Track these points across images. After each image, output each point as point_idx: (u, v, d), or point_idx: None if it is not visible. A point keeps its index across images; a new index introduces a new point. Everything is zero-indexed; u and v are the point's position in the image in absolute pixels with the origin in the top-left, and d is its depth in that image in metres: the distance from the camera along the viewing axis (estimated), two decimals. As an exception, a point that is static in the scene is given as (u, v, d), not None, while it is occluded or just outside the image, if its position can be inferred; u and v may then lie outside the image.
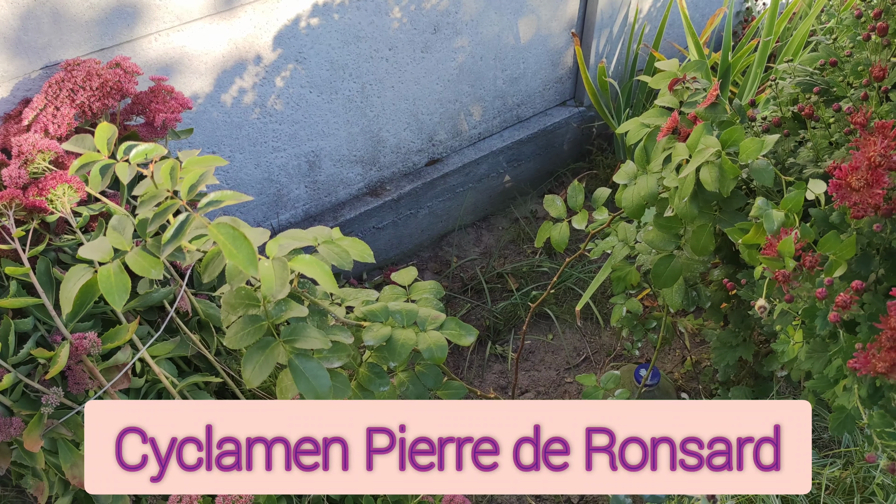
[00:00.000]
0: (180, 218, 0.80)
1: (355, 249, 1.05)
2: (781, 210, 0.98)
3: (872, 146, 0.89)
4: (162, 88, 1.45)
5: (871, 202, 0.88)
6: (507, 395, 2.03)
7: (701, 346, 2.10)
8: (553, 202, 1.53)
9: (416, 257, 2.38)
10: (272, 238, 0.91)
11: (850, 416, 1.03)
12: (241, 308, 0.94)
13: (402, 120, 2.14)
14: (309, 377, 0.91)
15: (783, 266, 0.93)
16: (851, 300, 0.87)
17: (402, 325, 1.13)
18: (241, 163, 1.88)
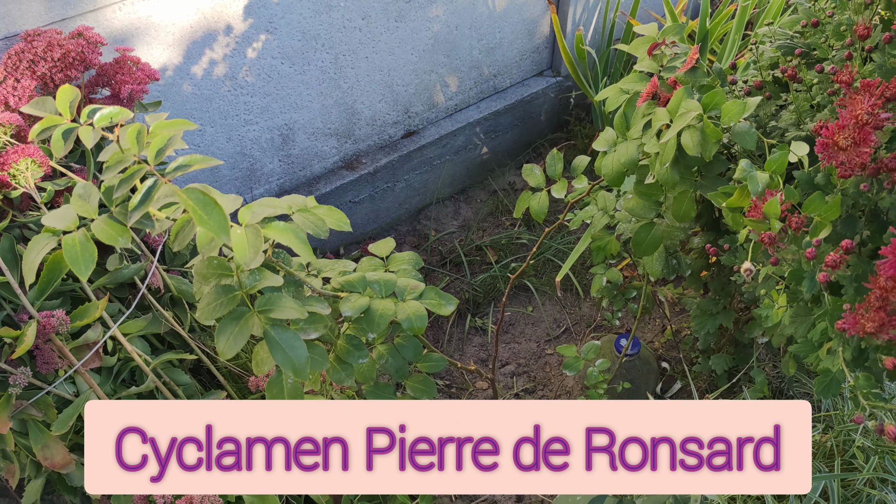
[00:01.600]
0: (147, 183, 0.77)
1: (331, 218, 1.02)
2: (766, 171, 0.97)
3: (859, 104, 0.87)
4: (127, 59, 1.40)
5: (859, 161, 0.87)
6: (488, 368, 2.02)
7: (681, 314, 2.09)
8: (531, 171, 1.51)
9: (394, 231, 2.35)
10: (245, 205, 0.88)
11: (834, 379, 1.02)
12: (214, 278, 0.90)
13: (377, 91, 2.10)
14: (285, 348, 0.88)
15: (768, 228, 0.91)
16: (841, 259, 0.86)
17: (380, 296, 1.11)
18: (213, 137, 1.84)
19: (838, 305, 1.00)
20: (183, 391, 1.42)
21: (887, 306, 0.83)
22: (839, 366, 1.02)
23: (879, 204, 0.95)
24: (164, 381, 1.39)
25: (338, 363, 1.14)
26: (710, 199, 1.09)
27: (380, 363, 1.24)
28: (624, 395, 1.85)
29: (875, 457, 1.29)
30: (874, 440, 1.34)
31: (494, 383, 1.77)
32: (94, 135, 0.81)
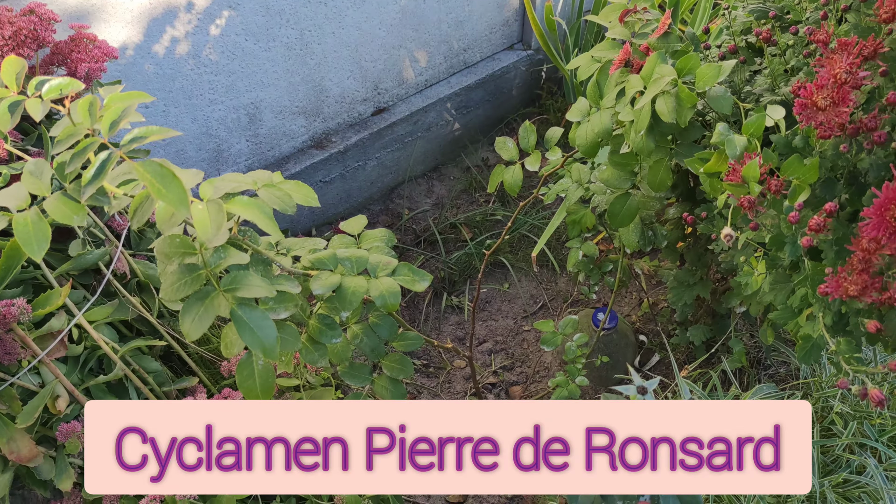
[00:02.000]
0: (101, 157, 0.73)
1: (298, 193, 0.98)
2: (744, 135, 0.95)
3: (837, 64, 0.85)
4: (84, 37, 1.35)
5: (838, 121, 0.85)
6: (465, 346, 2.00)
7: (657, 287, 2.08)
8: (504, 144, 1.48)
9: (367, 210, 2.32)
10: (206, 180, 0.85)
11: (815, 344, 1.01)
12: (177, 257, 0.87)
13: (345, 68, 2.05)
14: (254, 328, 0.85)
15: (748, 192, 0.89)
16: (825, 223, 0.84)
17: (352, 273, 1.07)
18: (177, 117, 1.78)
19: (819, 270, 0.98)
20: (153, 378, 1.39)
21: (870, 268, 0.81)
22: (820, 332, 1.01)
23: (858, 165, 0.94)
24: (133, 368, 1.35)
25: (310, 343, 1.11)
26: (688, 166, 1.07)
27: (354, 343, 1.21)
28: (602, 369, 1.84)
29: (853, 422, 1.29)
30: (852, 405, 1.33)
31: (472, 361, 1.75)
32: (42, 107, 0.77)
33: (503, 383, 1.94)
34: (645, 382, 0.89)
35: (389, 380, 1.28)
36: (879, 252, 0.80)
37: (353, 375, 1.26)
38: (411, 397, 1.90)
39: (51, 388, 1.22)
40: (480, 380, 1.94)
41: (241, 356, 0.97)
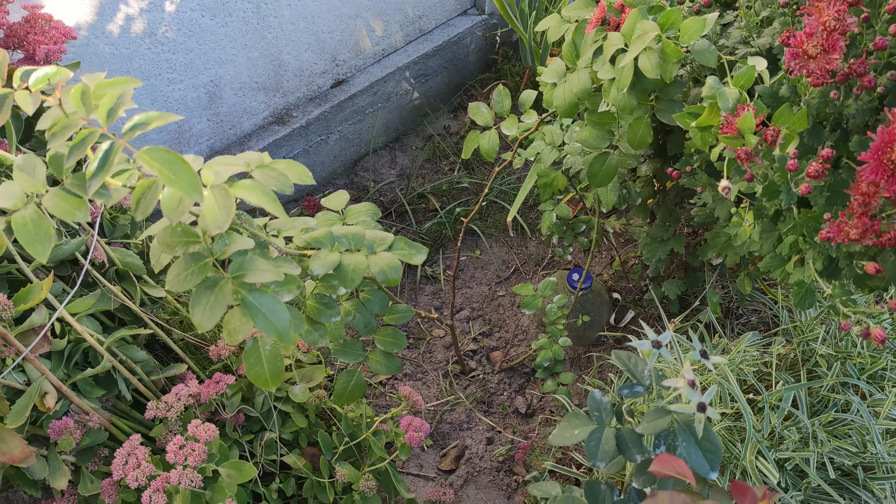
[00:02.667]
0: (103, 147, 0.70)
1: (293, 172, 0.96)
2: (735, 87, 0.96)
3: (825, 11, 0.87)
4: (39, 17, 1.29)
5: (829, 68, 0.86)
6: (445, 315, 2.00)
7: (627, 245, 2.11)
8: (478, 110, 1.47)
9: (332, 185, 2.29)
10: (205, 164, 0.82)
11: (809, 289, 1.03)
12: (181, 246, 0.84)
13: (303, 40, 2.01)
14: (266, 313, 0.84)
15: (743, 144, 0.91)
16: (823, 169, 0.86)
17: (350, 250, 1.06)
18: (136, 99, 1.73)
19: (809, 217, 1.01)
20: (141, 368, 1.36)
21: (869, 211, 0.84)
22: (812, 277, 1.04)
23: (844, 111, 0.96)
24: (119, 359, 1.32)
25: (310, 324, 1.10)
26: (677, 121, 1.08)
27: (347, 319, 1.20)
28: (581, 329, 1.86)
29: (837, 363, 1.33)
30: (834, 347, 1.38)
31: (454, 329, 1.75)
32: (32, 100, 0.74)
33: (483, 349, 1.95)
34: (658, 336, 0.90)
35: (383, 354, 1.28)
36: (878, 195, 0.82)
37: (345, 352, 1.25)
38: (394, 369, 1.90)
39: (38, 385, 1.18)
40: (461, 347, 1.95)
41: (247, 343, 0.95)
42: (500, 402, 1.85)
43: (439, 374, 1.90)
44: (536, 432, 1.77)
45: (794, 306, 1.05)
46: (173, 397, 1.28)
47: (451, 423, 1.80)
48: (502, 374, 1.90)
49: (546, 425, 1.78)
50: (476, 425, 1.80)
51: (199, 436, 1.19)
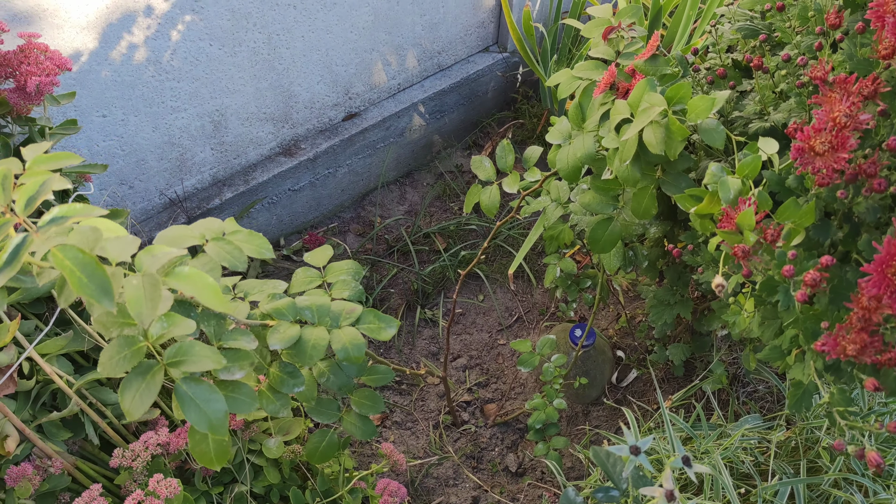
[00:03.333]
0: (15, 240, 0.65)
1: (251, 245, 0.91)
2: (738, 177, 0.90)
3: (836, 104, 0.80)
4: (34, 47, 1.26)
5: (837, 167, 0.80)
6: (439, 363, 1.95)
7: (635, 301, 2.04)
8: (481, 164, 1.42)
9: (338, 219, 2.24)
10: (143, 249, 0.77)
11: (807, 391, 0.97)
12: (115, 328, 0.80)
13: (315, 72, 1.98)
14: (200, 404, 0.78)
15: (741, 240, 0.84)
16: (821, 278, 0.79)
17: (313, 323, 1.01)
18: (137, 126, 1.70)
19: (810, 315, 0.94)
20: (111, 411, 1.31)
21: (869, 327, 0.77)
22: (811, 377, 0.97)
23: (854, 209, 0.89)
24: (89, 402, 1.28)
25: (272, 393, 1.04)
26: (678, 202, 1.01)
27: (320, 380, 1.15)
28: (580, 391, 1.80)
29: (841, 457, 1.25)
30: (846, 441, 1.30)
31: (447, 381, 1.69)
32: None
33: (478, 401, 1.89)
34: (638, 441, 0.83)
35: (358, 416, 1.22)
36: (880, 311, 0.75)
37: (319, 412, 1.20)
38: (383, 417, 1.85)
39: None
40: (455, 398, 1.89)
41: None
42: (491, 459, 1.78)
43: (430, 425, 1.84)
44: (524, 495, 1.70)
45: (788, 409, 0.98)
46: (141, 445, 1.23)
47: (436, 478, 1.74)
48: (495, 428, 1.84)
49: (534, 488, 1.71)
50: (463, 482, 1.74)
51: (161, 492, 1.14)
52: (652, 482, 0.89)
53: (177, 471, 1.33)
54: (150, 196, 1.84)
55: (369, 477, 1.44)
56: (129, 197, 1.80)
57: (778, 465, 1.29)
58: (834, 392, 0.91)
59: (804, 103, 1.08)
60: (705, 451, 1.27)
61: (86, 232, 0.68)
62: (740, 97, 1.27)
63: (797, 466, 1.30)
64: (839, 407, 0.89)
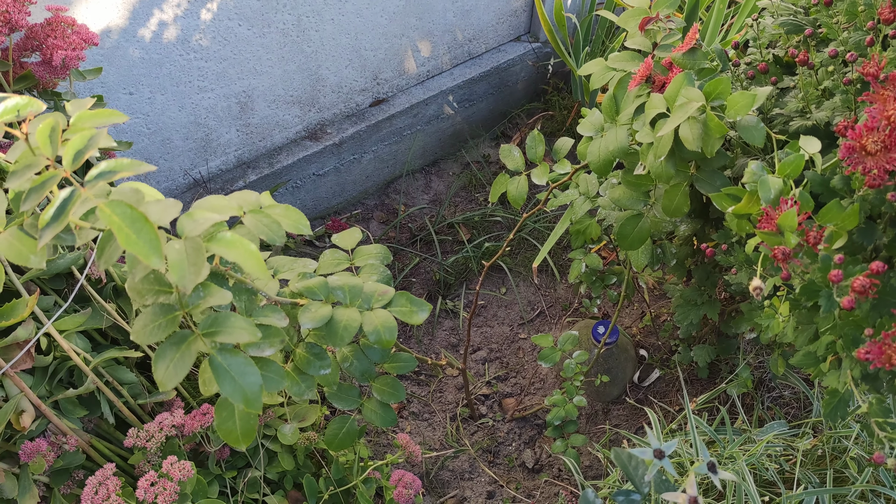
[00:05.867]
0: (63, 194, 0.63)
1: (288, 219, 0.89)
2: (779, 176, 0.86)
3: (890, 102, 0.77)
4: (61, 21, 1.25)
5: (889, 168, 0.76)
6: (459, 355, 1.92)
7: (661, 299, 2.01)
8: (510, 153, 1.39)
9: (361, 205, 2.22)
10: (185, 213, 0.75)
11: (842, 400, 0.93)
12: (151, 295, 0.78)
13: (344, 56, 1.95)
14: (235, 376, 0.76)
15: (782, 242, 0.81)
16: (871, 285, 0.76)
17: (344, 304, 0.99)
18: (163, 105, 1.68)
19: (849, 321, 0.90)
20: (128, 390, 1.30)
21: (917, 337, 0.73)
22: (847, 385, 0.93)
23: (901, 212, 0.86)
24: (105, 380, 1.27)
25: (297, 374, 1.02)
26: (714, 202, 0.98)
27: (343, 366, 1.13)
28: (601, 389, 1.77)
29: (869, 468, 1.22)
30: (867, 449, 1.26)
31: (466, 373, 1.67)
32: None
33: (496, 395, 1.87)
34: (662, 444, 0.81)
35: (379, 404, 1.20)
36: (929, 320, 0.72)
37: (340, 398, 1.18)
38: (400, 407, 1.83)
39: (15, 402, 1.13)
40: (473, 391, 1.86)
41: (221, 395, 0.88)
42: (508, 454, 1.76)
43: (447, 417, 1.82)
44: (540, 492, 1.67)
45: (824, 417, 0.95)
46: (155, 426, 1.22)
47: (452, 471, 1.72)
48: (513, 423, 1.81)
49: (550, 485, 1.68)
50: (478, 476, 1.71)
51: (174, 474, 1.12)
52: (675, 487, 0.86)
53: (191, 453, 1.32)
54: (174, 176, 1.82)
55: (384, 467, 1.43)
56: (153, 176, 1.78)
57: (803, 474, 1.26)
58: (873, 402, 0.87)
59: (850, 101, 1.04)
60: (730, 456, 1.24)
61: (127, 192, 0.66)
62: (781, 94, 1.23)
63: (823, 476, 1.26)
64: (878, 418, 0.85)
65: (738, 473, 1.16)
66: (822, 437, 1.33)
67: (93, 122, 0.74)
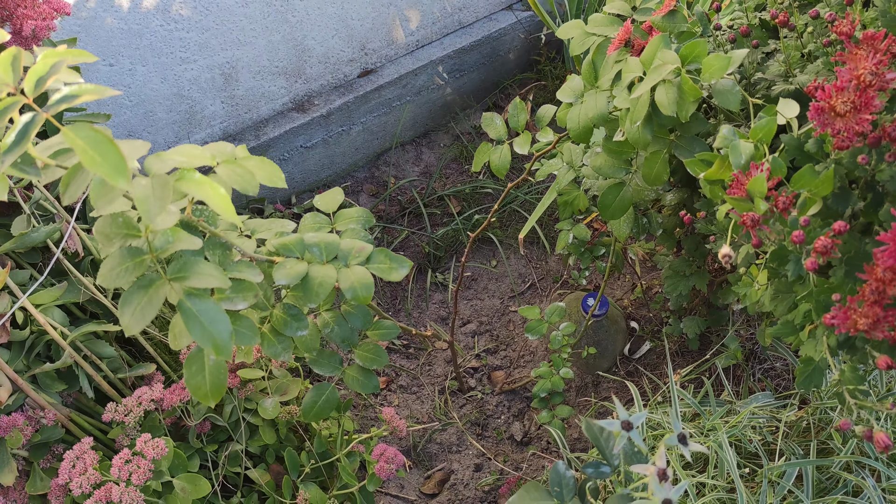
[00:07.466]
0: (24, 118, 0.62)
1: (262, 171, 0.87)
2: (750, 141, 0.84)
3: (861, 62, 0.74)
4: (31, -10, 1.22)
5: (858, 129, 0.74)
6: (447, 327, 1.91)
7: (652, 271, 1.99)
8: (492, 121, 1.37)
9: (351, 178, 2.20)
10: (154, 154, 0.73)
11: (818, 368, 0.91)
12: (118, 238, 0.76)
13: (330, 26, 1.92)
14: (204, 322, 0.74)
15: (752, 208, 0.79)
16: (833, 245, 0.74)
17: (320, 261, 0.97)
18: (145, 76, 1.66)
19: (825, 288, 0.88)
20: (107, 364, 1.30)
21: (883, 300, 0.72)
22: (823, 353, 0.92)
23: (877, 176, 0.83)
24: (84, 355, 1.26)
25: (273, 335, 1.01)
26: (687, 167, 0.96)
27: (324, 331, 1.11)
28: (589, 360, 1.75)
29: (854, 439, 1.20)
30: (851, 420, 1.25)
31: (454, 346, 1.66)
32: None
33: (486, 367, 1.86)
34: (630, 416, 0.79)
35: (361, 370, 1.18)
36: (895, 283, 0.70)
37: (321, 364, 1.16)
38: (388, 380, 1.82)
39: (-10, 376, 1.13)
40: (462, 363, 1.86)
41: (192, 349, 0.87)
42: (496, 427, 1.75)
43: (436, 390, 1.81)
44: (528, 464, 1.67)
45: (797, 386, 0.93)
46: (133, 401, 1.21)
47: (440, 444, 1.71)
48: (502, 395, 1.80)
49: (538, 458, 1.68)
50: (466, 449, 1.71)
51: (147, 452, 1.11)
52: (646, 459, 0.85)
53: (171, 426, 1.31)
54: (157, 149, 1.81)
55: (369, 441, 1.42)
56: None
57: (787, 446, 1.24)
58: (845, 370, 0.86)
59: (832, 64, 1.01)
60: (712, 428, 1.23)
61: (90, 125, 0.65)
62: (765, 58, 1.20)
63: (808, 447, 1.25)
64: (850, 385, 0.84)
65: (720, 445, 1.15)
66: (808, 408, 1.32)
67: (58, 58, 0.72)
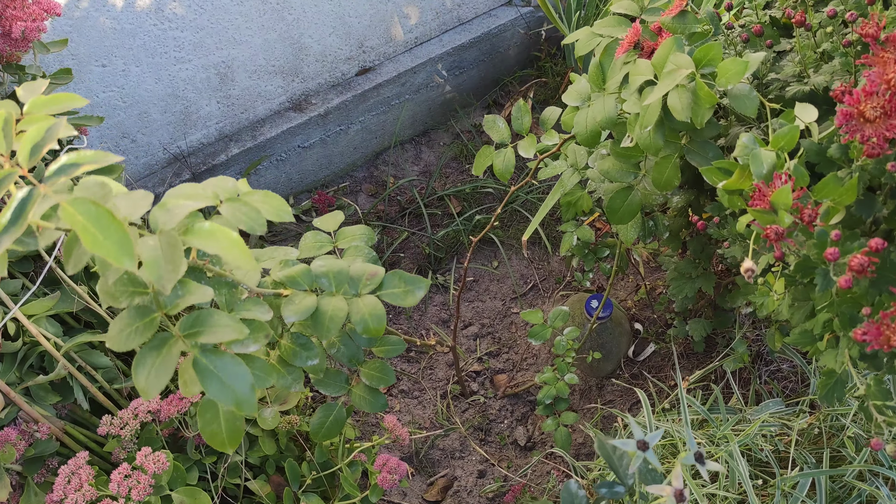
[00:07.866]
0: (20, 194, 0.57)
1: (268, 206, 0.83)
2: (772, 149, 0.81)
3: (891, 65, 0.71)
4: (21, -10, 1.19)
5: (889, 135, 0.71)
6: (449, 331, 1.88)
7: (657, 271, 1.96)
8: (494, 124, 1.33)
9: (349, 178, 2.17)
10: (157, 204, 0.68)
11: (839, 381, 0.89)
12: (125, 297, 0.72)
13: (327, 24, 1.88)
14: (223, 378, 0.70)
15: (775, 220, 0.76)
16: (869, 263, 0.71)
17: (329, 291, 0.93)
18: (139, 77, 1.62)
19: (847, 298, 0.85)
20: (102, 375, 1.26)
21: (917, 318, 0.69)
22: (845, 365, 0.89)
23: (902, 185, 0.80)
24: (78, 365, 1.23)
25: (283, 366, 0.97)
26: (704, 175, 0.93)
27: (330, 351, 1.07)
28: (595, 364, 1.73)
29: (868, 448, 1.18)
30: (865, 428, 1.22)
31: (455, 350, 1.63)
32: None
33: (488, 371, 1.83)
34: (646, 436, 0.76)
35: (368, 389, 1.15)
36: (930, 302, 0.67)
37: (327, 384, 1.13)
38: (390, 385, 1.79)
39: (-19, 390, 1.09)
40: (464, 367, 1.83)
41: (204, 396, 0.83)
42: (499, 431, 1.72)
43: (438, 394, 1.78)
44: (533, 470, 1.64)
45: (819, 400, 0.90)
46: (129, 413, 1.18)
47: (443, 450, 1.68)
48: (505, 399, 1.77)
49: (542, 464, 1.65)
50: (469, 455, 1.68)
51: (148, 467, 1.08)
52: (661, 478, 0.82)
53: (169, 438, 1.28)
54: (153, 150, 1.77)
55: (370, 450, 1.39)
56: (132, 151, 1.73)
57: (799, 454, 1.22)
58: (871, 384, 0.83)
59: (850, 65, 0.98)
60: (723, 437, 1.20)
61: (93, 187, 0.60)
62: (777, 58, 1.17)
63: (820, 455, 1.22)
64: (876, 400, 0.81)
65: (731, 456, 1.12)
66: (819, 414, 1.29)
67: (49, 108, 0.67)
